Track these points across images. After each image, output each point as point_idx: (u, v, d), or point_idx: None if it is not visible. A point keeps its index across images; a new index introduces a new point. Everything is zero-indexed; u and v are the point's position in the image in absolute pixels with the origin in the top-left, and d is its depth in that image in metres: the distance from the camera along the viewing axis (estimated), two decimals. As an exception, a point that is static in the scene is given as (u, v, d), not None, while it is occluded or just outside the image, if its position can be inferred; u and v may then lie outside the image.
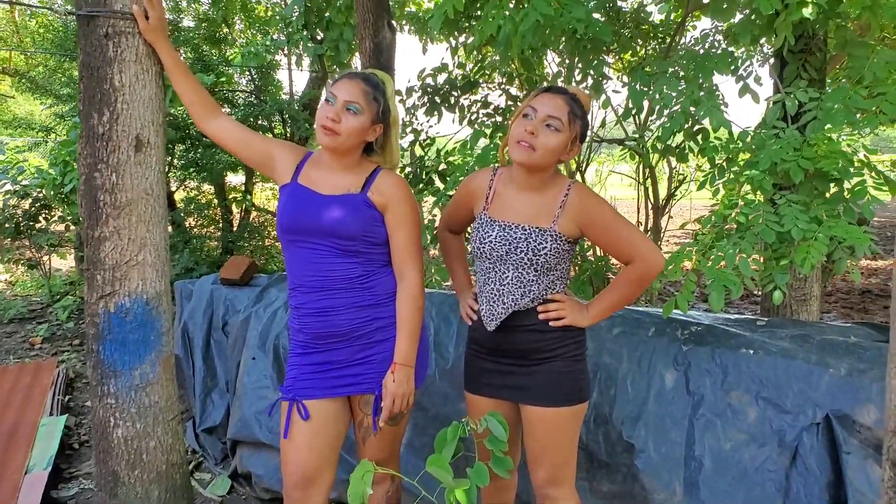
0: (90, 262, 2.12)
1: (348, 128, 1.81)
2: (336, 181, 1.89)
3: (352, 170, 1.91)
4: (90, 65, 2.03)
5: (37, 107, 17.07)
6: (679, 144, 2.92)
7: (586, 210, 1.79)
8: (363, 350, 1.89)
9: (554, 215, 1.80)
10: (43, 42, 8.70)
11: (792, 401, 1.93)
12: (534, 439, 1.88)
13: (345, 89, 1.82)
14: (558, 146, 1.75)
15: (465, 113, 4.30)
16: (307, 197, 1.86)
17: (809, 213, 2.17)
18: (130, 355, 2.16)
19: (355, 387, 1.91)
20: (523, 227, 1.80)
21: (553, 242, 1.78)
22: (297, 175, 1.91)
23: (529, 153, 1.74)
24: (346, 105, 1.81)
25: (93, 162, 2.06)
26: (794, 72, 2.89)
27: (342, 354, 1.89)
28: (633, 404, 2.17)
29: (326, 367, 1.90)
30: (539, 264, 1.79)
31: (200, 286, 3.49)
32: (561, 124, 1.74)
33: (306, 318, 1.88)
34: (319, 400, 1.89)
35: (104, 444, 2.19)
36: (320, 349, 1.90)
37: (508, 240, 1.81)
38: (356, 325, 1.87)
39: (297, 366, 1.93)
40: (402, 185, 1.92)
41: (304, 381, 1.90)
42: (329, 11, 5.44)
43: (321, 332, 1.87)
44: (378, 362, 1.90)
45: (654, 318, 2.32)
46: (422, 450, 2.51)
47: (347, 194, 1.87)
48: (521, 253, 1.79)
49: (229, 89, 6.60)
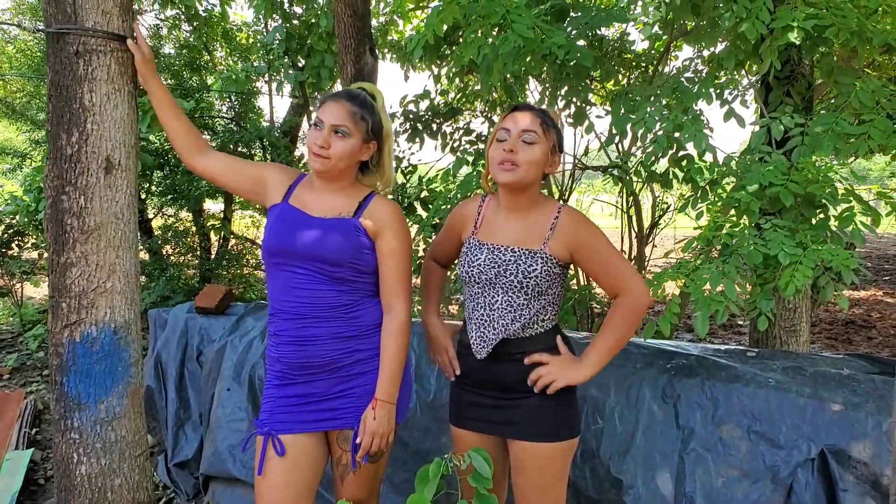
0: (55, 289, 2.02)
1: (338, 151, 1.77)
2: (328, 204, 1.84)
3: (345, 192, 1.86)
4: (59, 83, 1.96)
5: (14, 133, 16.89)
6: (664, 171, 2.91)
7: (579, 233, 1.76)
8: (342, 382, 1.82)
9: (544, 237, 1.76)
10: (20, 67, 8.61)
11: (786, 435, 1.87)
12: (523, 477, 1.79)
13: (331, 113, 1.79)
14: (540, 158, 1.74)
15: (447, 140, 4.28)
16: (296, 218, 1.81)
17: (795, 239, 2.14)
18: (96, 387, 2.05)
19: (334, 421, 1.82)
20: (513, 250, 1.76)
21: (543, 265, 1.73)
22: (288, 196, 1.86)
23: (514, 171, 1.73)
24: (333, 129, 1.78)
25: (60, 184, 1.97)
26: (778, 97, 2.90)
27: (320, 387, 1.81)
28: (621, 438, 2.10)
29: (304, 401, 1.82)
30: (529, 287, 1.74)
31: (175, 315, 3.38)
32: (536, 136, 1.73)
33: (284, 347, 1.81)
34: (296, 435, 1.81)
35: (66, 481, 2.07)
36: (298, 381, 1.82)
37: (497, 262, 1.76)
38: (336, 357, 1.80)
39: (274, 398, 1.84)
40: (397, 212, 1.86)
41: (280, 415, 1.82)
42: (310, 38, 5.45)
43: (299, 362, 1.80)
44: (358, 396, 1.82)
45: (642, 349, 2.26)
46: (402, 486, 2.41)
47: (339, 218, 1.81)
48: (510, 275, 1.74)
49: (209, 115, 6.54)
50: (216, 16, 6.65)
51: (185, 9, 6.43)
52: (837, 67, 2.72)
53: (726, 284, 2.09)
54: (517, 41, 2.37)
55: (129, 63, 2.05)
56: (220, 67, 6.84)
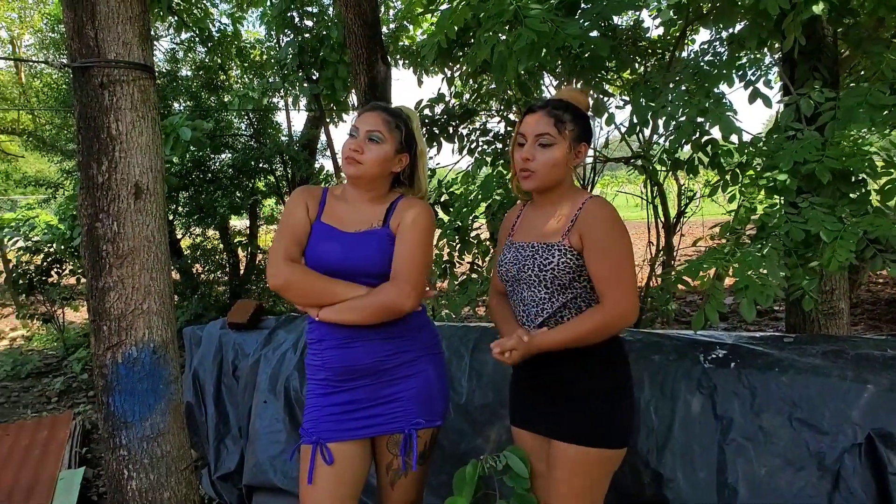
0: (95, 312, 2.08)
1: (371, 157, 1.81)
2: (360, 216, 1.87)
3: (377, 202, 1.89)
4: (87, 115, 2.01)
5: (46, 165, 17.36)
6: (688, 158, 2.87)
7: (592, 221, 1.68)
8: (388, 387, 1.83)
9: (565, 229, 1.72)
10: (48, 100, 8.85)
11: (829, 421, 1.83)
12: (555, 480, 1.73)
13: (366, 121, 1.84)
14: (558, 159, 1.72)
15: (464, 142, 4.28)
16: (331, 237, 1.83)
17: (835, 215, 2.09)
18: (140, 405, 2.11)
19: (381, 427, 1.84)
20: (532, 245, 1.76)
21: (561, 256, 1.69)
22: (321, 212, 1.88)
23: (532, 178, 1.74)
24: (367, 135, 1.82)
25: (93, 212, 2.03)
26: (805, 73, 2.84)
27: (365, 393, 1.83)
28: (659, 432, 2.08)
29: (350, 408, 1.83)
30: (548, 281, 1.71)
31: (209, 332, 3.44)
32: (551, 138, 1.72)
33: (328, 352, 1.83)
34: (343, 442, 1.82)
35: (119, 496, 2.14)
36: (343, 388, 1.83)
37: (518, 259, 1.77)
38: (382, 358, 1.81)
39: (318, 407, 1.85)
40: (421, 207, 1.86)
41: (326, 423, 1.83)
42: (323, 50, 5.49)
43: (344, 366, 1.81)
44: (405, 400, 1.84)
45: (675, 342, 2.24)
46: (439, 489, 2.41)
47: (371, 230, 1.84)
48: (528, 270, 1.74)
49: (229, 134, 6.65)
50: (229, 35, 6.76)
51: (198, 31, 6.54)
52: (866, 38, 2.65)
53: (768, 267, 2.04)
54: (531, 36, 2.36)
55: (152, 90, 2.10)
56: (236, 85, 6.95)
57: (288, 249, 1.82)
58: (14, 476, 3.43)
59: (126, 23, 2.01)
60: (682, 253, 4.65)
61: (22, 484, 3.33)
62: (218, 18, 6.84)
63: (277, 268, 1.79)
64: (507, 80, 2.64)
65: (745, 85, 2.79)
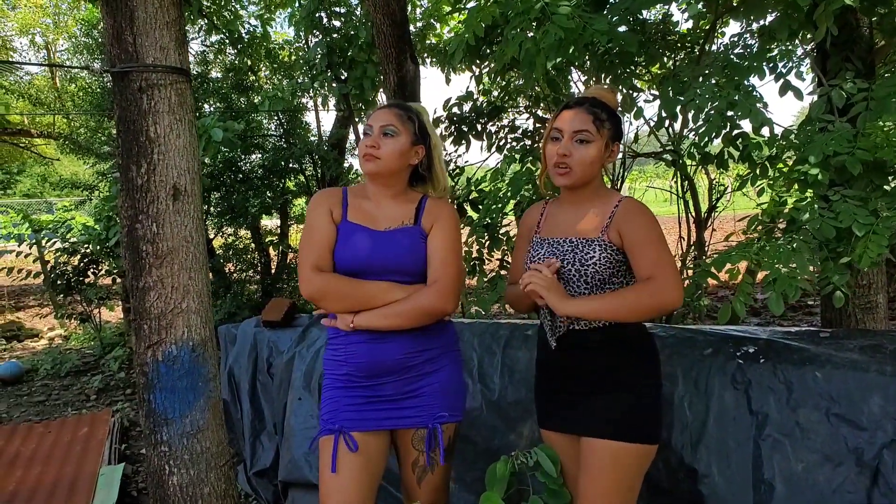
0: (136, 312, 2.14)
1: (388, 150, 1.82)
2: (389, 213, 1.87)
3: (401, 199, 1.90)
4: (126, 119, 2.07)
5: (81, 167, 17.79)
6: (718, 151, 2.84)
7: (628, 216, 1.71)
8: (412, 383, 1.84)
9: (603, 225, 1.73)
10: (83, 104, 9.06)
11: (868, 416, 1.80)
12: (588, 478, 1.71)
13: (379, 118, 1.86)
14: (595, 157, 1.73)
15: (492, 139, 4.29)
16: (363, 235, 1.83)
17: (868, 208, 2.05)
18: (180, 402, 2.16)
19: (405, 420, 1.85)
20: (570, 240, 1.76)
21: (602, 252, 1.70)
22: (346, 213, 1.88)
23: (568, 175, 1.74)
24: (382, 130, 1.83)
25: (133, 213, 2.09)
26: (837, 64, 2.79)
27: (389, 389, 1.84)
28: (693, 427, 2.07)
29: (373, 400, 1.84)
30: (589, 276, 1.71)
31: (243, 330, 3.50)
32: (590, 135, 1.72)
33: (355, 347, 1.82)
34: (365, 432, 1.83)
35: (160, 492, 2.19)
36: (366, 384, 1.83)
37: (556, 254, 1.76)
38: (409, 356, 1.82)
39: (338, 399, 1.85)
40: (448, 208, 1.91)
41: (348, 413, 1.83)
42: (351, 50, 5.54)
43: (371, 362, 1.81)
44: (428, 395, 1.85)
45: (708, 336, 2.22)
46: (473, 485, 2.43)
47: (403, 227, 1.85)
48: (568, 265, 1.73)
49: (259, 135, 6.74)
50: (258, 37, 6.85)
51: (228, 33, 6.64)
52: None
53: (797, 261, 2.02)
54: (558, 33, 2.36)
55: (188, 93, 2.15)
56: (266, 86, 7.04)
57: (317, 257, 1.80)
58: (57, 472, 3.54)
59: (163, 28, 2.06)
60: (714, 248, 4.60)
61: (64, 479, 3.43)
62: (247, 20, 6.94)
63: (309, 277, 1.77)
64: (535, 76, 2.65)
65: (776, 77, 2.76)
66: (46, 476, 3.49)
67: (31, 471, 3.58)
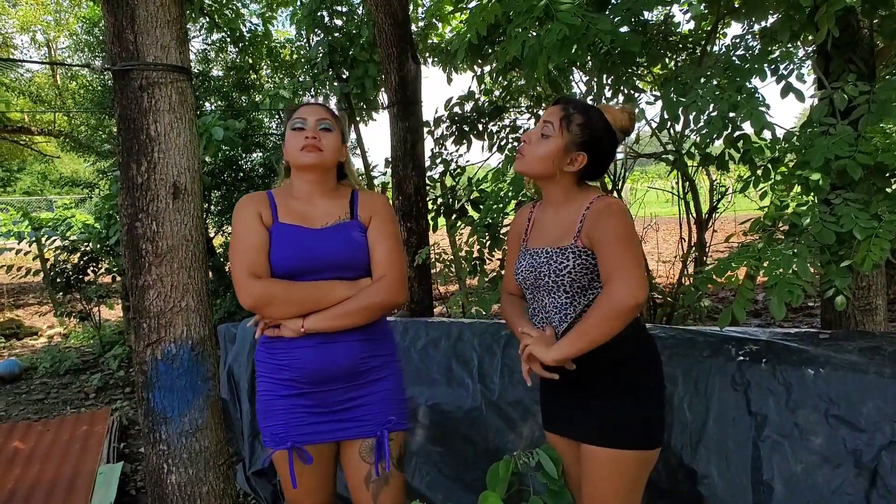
0: (136, 310, 2.14)
1: (329, 143, 1.82)
2: (323, 210, 1.84)
3: (333, 195, 1.87)
4: (127, 117, 2.07)
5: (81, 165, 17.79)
6: (719, 153, 2.84)
7: (597, 218, 1.65)
8: (357, 390, 1.80)
9: (575, 231, 1.70)
10: (83, 102, 9.07)
11: (867, 418, 1.80)
12: (589, 484, 1.71)
13: (312, 112, 1.85)
14: (547, 153, 1.70)
15: (494, 139, 4.29)
16: (299, 234, 1.78)
17: (869, 212, 2.05)
18: (179, 401, 2.16)
19: (352, 430, 1.81)
20: (546, 251, 1.73)
21: (576, 259, 1.67)
22: (276, 214, 1.81)
23: (520, 161, 1.75)
24: (318, 124, 1.82)
25: (133, 212, 2.09)
26: (839, 66, 2.79)
27: (335, 396, 1.79)
28: (692, 428, 2.07)
29: (319, 410, 1.79)
30: (567, 285, 1.69)
31: (243, 329, 3.50)
32: (552, 129, 1.70)
33: (300, 352, 1.75)
34: (315, 445, 1.80)
35: (159, 490, 2.19)
36: (312, 390, 1.78)
37: (534, 266, 1.75)
38: (357, 361, 1.78)
39: (284, 409, 1.79)
40: (383, 199, 1.92)
41: (298, 426, 1.78)
42: (353, 50, 5.54)
43: (321, 368, 1.75)
44: (374, 404, 1.81)
45: (708, 337, 2.22)
46: (473, 484, 2.43)
47: (341, 223, 1.82)
48: (545, 277, 1.71)
49: (260, 133, 6.74)
50: (260, 35, 6.85)
51: (230, 32, 6.65)
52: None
53: (799, 265, 2.01)
54: (562, 31, 2.36)
55: (189, 92, 2.15)
56: (267, 85, 7.05)
57: (251, 263, 1.72)
58: (55, 470, 3.54)
59: (164, 26, 2.06)
60: (714, 249, 4.60)
61: (63, 478, 3.43)
62: (249, 19, 6.94)
63: (247, 284, 1.70)
64: (537, 76, 2.65)
65: (778, 79, 2.75)
66: (45, 474, 3.49)
67: (29, 469, 3.59)
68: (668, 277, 5.44)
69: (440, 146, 4.49)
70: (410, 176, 4.38)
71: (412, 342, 2.79)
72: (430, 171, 4.57)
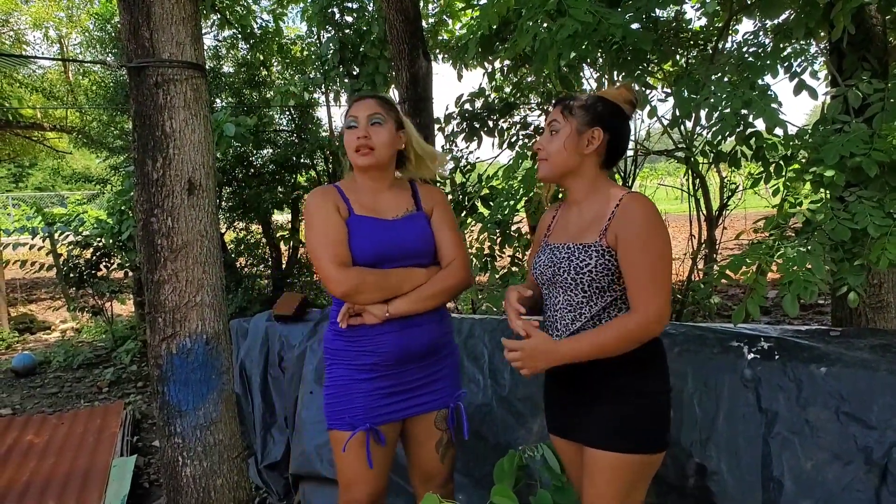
0: (151, 305, 2.17)
1: (380, 140, 1.86)
2: (391, 203, 1.93)
3: (395, 188, 1.96)
4: (142, 113, 2.09)
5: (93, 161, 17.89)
6: (731, 150, 2.83)
7: (627, 221, 1.59)
8: (431, 367, 1.92)
9: (602, 228, 1.63)
10: (95, 98, 9.12)
11: (878, 415, 1.80)
12: (591, 486, 1.67)
13: (362, 108, 1.88)
14: (562, 142, 1.69)
15: (504, 136, 4.29)
16: (377, 226, 1.87)
17: (884, 209, 2.04)
18: (194, 395, 2.18)
19: (428, 405, 1.92)
20: (567, 246, 1.69)
21: (599, 258, 1.61)
22: (350, 207, 1.90)
23: (543, 165, 1.76)
24: (369, 120, 1.86)
25: (149, 207, 2.11)
26: (853, 64, 2.78)
27: (412, 375, 1.90)
28: (703, 425, 2.07)
29: (398, 390, 1.89)
30: (586, 284, 1.63)
31: (255, 324, 3.53)
32: (558, 124, 1.72)
33: (384, 338, 1.84)
34: (389, 423, 1.90)
35: (174, 482, 2.22)
36: (392, 372, 1.87)
37: (553, 261, 1.70)
38: (433, 341, 1.91)
39: (365, 394, 1.86)
40: (440, 191, 2.04)
41: (377, 407, 1.87)
42: (363, 46, 5.54)
43: (403, 350, 1.85)
44: (445, 377, 1.95)
45: (719, 334, 2.23)
46: (483, 480, 2.45)
47: (410, 215, 1.93)
48: (564, 273, 1.66)
49: (271, 130, 6.77)
50: (270, 32, 6.87)
51: (241, 28, 6.67)
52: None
53: (813, 262, 2.01)
54: (574, 25, 2.36)
55: (203, 88, 2.17)
56: (277, 82, 7.07)
57: (338, 254, 1.79)
58: (70, 463, 3.58)
59: (179, 23, 2.08)
60: (724, 246, 4.59)
61: (78, 471, 3.47)
62: (260, 15, 6.96)
63: (338, 274, 1.76)
64: (547, 72, 2.65)
65: (791, 76, 2.74)
66: (60, 467, 3.54)
67: (44, 462, 3.63)
68: (678, 274, 5.43)
69: (451, 143, 4.50)
70: (421, 172, 4.37)
71: (423, 338, 2.80)
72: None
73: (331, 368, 1.94)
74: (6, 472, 3.49)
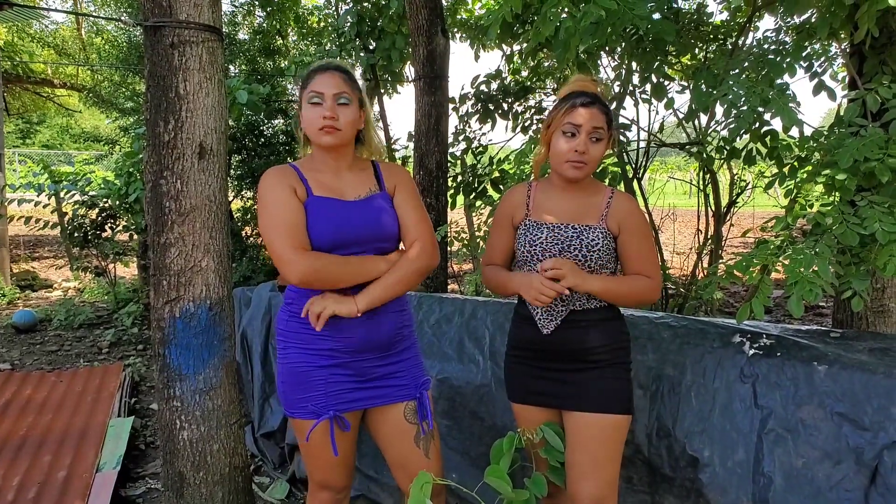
0: (156, 267, 2.18)
1: (347, 120, 1.77)
2: (352, 183, 1.84)
3: (356, 167, 1.88)
4: (156, 74, 2.09)
5: (102, 121, 17.85)
6: (745, 146, 2.82)
7: (631, 212, 1.87)
8: (392, 357, 1.87)
9: (601, 214, 1.86)
10: (108, 57, 9.08)
11: (871, 417, 1.81)
12: (583, 451, 1.82)
13: (329, 84, 1.76)
14: (603, 153, 1.86)
15: (518, 120, 4.27)
16: (337, 208, 1.78)
17: (895, 216, 2.04)
18: (195, 359, 2.20)
19: (394, 395, 1.87)
20: (573, 226, 1.85)
21: (603, 239, 1.83)
22: (308, 188, 1.80)
23: (582, 169, 1.82)
24: (336, 99, 1.76)
25: (158, 169, 2.12)
26: (873, 67, 2.75)
27: (370, 364, 1.83)
28: (698, 417, 2.09)
29: (359, 379, 1.83)
30: (592, 261, 1.82)
31: (258, 293, 3.54)
32: (603, 132, 1.82)
33: (345, 324, 1.77)
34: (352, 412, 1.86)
35: (170, 445, 2.24)
36: (348, 360, 1.81)
37: (560, 239, 1.84)
38: (395, 332, 1.86)
39: (325, 380, 1.80)
40: (403, 169, 1.99)
41: (340, 395, 1.82)
42: (381, 20, 5.50)
43: (366, 339, 1.80)
44: (409, 368, 1.91)
45: (719, 329, 2.23)
46: (479, 459, 2.47)
47: (372, 195, 1.84)
48: (574, 250, 1.82)
49: (283, 99, 6.74)
50: (288, 1, 6.81)
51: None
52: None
53: (820, 264, 2.02)
54: (599, 13, 2.34)
55: (219, 52, 2.16)
56: (293, 51, 7.02)
57: (294, 237, 1.68)
58: (67, 420, 3.61)
59: (198, -14, 2.06)
60: (730, 243, 4.58)
61: (75, 428, 3.50)
62: (277, -17, 6.90)
63: (294, 259, 1.66)
64: (567, 58, 2.63)
65: (811, 76, 2.72)
66: (57, 423, 3.57)
67: (42, 417, 3.67)
68: (682, 269, 5.43)
69: (464, 123, 4.48)
70: (433, 151, 4.37)
71: (425, 316, 2.81)
72: (452, 147, 4.56)
73: (284, 353, 1.85)
74: (3, 425, 3.53)
